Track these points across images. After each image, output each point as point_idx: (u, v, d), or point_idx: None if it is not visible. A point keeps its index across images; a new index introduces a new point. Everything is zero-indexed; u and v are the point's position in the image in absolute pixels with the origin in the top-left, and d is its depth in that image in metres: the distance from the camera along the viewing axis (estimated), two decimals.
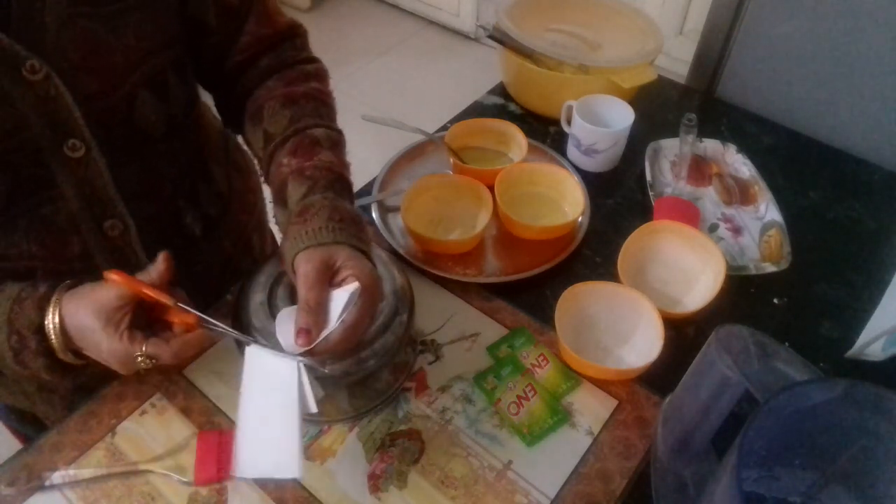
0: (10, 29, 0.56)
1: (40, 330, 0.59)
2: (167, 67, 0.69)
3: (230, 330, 0.61)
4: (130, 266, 0.64)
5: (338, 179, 0.67)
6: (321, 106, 0.74)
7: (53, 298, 0.60)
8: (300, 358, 0.58)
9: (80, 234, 0.68)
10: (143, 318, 0.60)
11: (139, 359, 0.58)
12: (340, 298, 0.58)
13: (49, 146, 0.62)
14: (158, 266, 0.61)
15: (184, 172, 0.78)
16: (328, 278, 0.60)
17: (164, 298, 0.59)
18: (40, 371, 0.61)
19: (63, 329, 0.59)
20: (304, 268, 0.59)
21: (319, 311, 0.58)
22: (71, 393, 0.77)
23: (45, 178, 0.63)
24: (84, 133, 0.63)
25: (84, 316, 0.58)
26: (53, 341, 0.59)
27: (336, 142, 0.72)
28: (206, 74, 0.78)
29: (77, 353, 0.61)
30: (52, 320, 0.59)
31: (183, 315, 0.60)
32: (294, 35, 0.78)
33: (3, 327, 0.59)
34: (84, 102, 0.61)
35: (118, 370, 0.60)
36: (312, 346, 0.57)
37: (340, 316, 0.58)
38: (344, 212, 0.63)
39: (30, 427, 0.86)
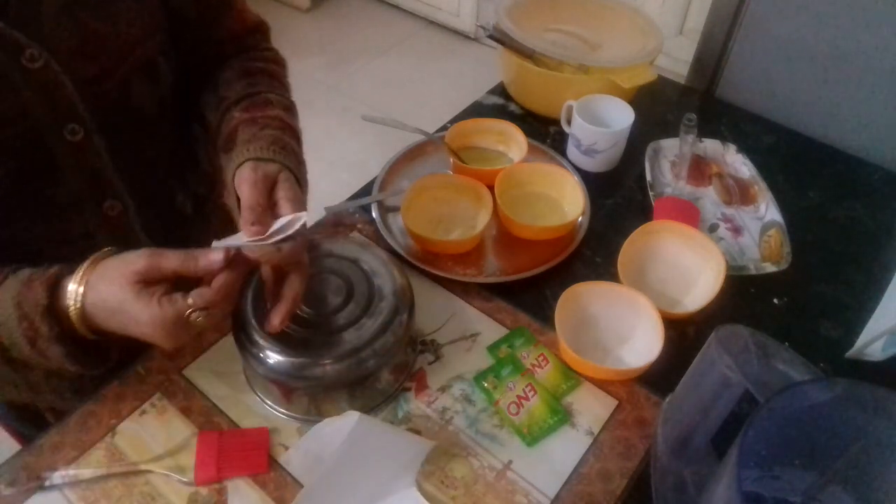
0: (9, 17, 0.57)
1: (50, 312, 0.56)
2: (157, 52, 0.72)
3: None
4: (129, 244, 0.62)
5: (287, 128, 0.71)
6: (275, 81, 0.80)
7: (81, 273, 0.57)
8: (252, 242, 0.59)
9: (82, 214, 0.70)
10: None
11: (193, 315, 0.55)
12: (284, 220, 0.60)
13: (50, 131, 0.63)
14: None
15: (173, 152, 0.81)
16: (269, 189, 0.63)
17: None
18: (62, 361, 0.58)
19: (83, 304, 0.56)
20: (247, 174, 0.62)
21: (267, 212, 0.60)
22: (79, 378, 0.74)
23: (48, 162, 0.65)
24: (83, 117, 0.64)
25: (116, 290, 0.55)
26: (71, 308, 0.56)
27: (288, 106, 0.76)
28: (182, 62, 0.81)
29: (96, 330, 0.58)
30: (76, 290, 0.56)
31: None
32: (258, 31, 0.85)
33: (13, 313, 0.56)
34: (82, 88, 0.63)
35: (162, 342, 0.57)
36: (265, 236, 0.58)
37: (286, 233, 0.59)
38: (287, 145, 0.67)
39: (30, 427, 0.86)
